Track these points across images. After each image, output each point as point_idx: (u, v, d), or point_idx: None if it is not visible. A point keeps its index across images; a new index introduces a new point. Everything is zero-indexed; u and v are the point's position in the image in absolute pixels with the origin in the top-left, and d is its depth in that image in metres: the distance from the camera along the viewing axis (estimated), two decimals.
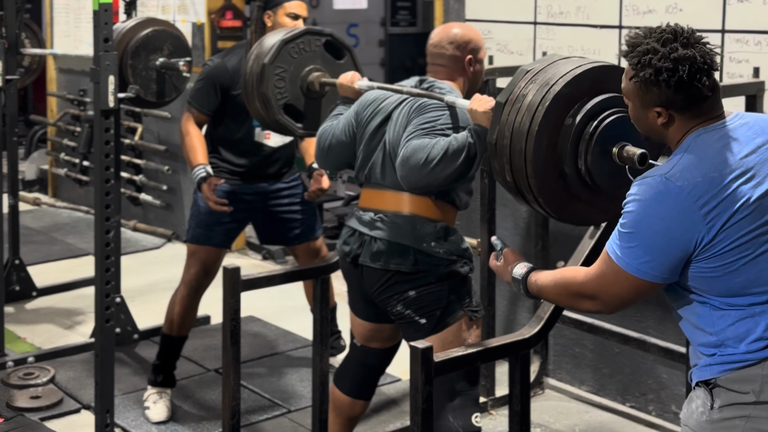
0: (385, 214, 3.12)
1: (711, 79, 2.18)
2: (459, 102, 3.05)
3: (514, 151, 2.52)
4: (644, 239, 2.16)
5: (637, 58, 2.20)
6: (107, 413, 3.71)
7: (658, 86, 2.17)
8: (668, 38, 2.18)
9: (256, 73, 3.60)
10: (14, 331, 5.04)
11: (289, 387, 4.39)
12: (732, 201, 2.13)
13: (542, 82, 2.52)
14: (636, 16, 4.02)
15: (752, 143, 2.20)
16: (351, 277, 3.26)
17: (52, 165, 7.96)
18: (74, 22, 7.33)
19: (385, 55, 10.42)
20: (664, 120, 2.21)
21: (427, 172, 2.93)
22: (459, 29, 3.24)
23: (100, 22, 3.58)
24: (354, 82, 3.43)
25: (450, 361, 2.69)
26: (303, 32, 3.67)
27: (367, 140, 3.21)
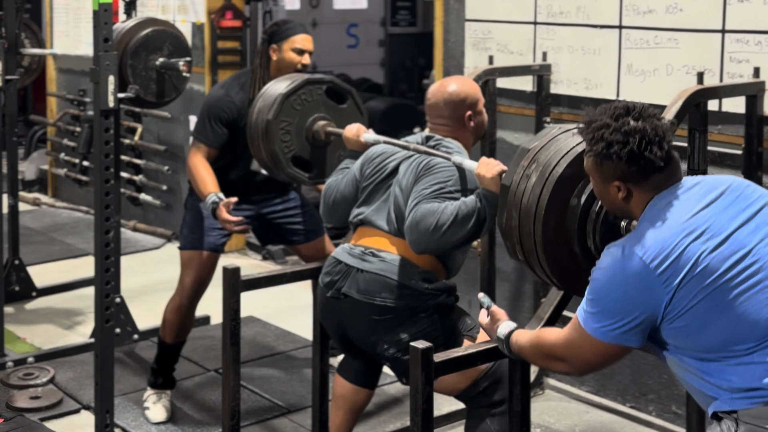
0: (376, 250, 3.12)
1: (663, 151, 2.25)
2: (466, 163, 3.06)
3: (523, 233, 2.57)
4: (606, 305, 2.24)
5: (591, 133, 2.28)
6: (107, 413, 3.71)
7: (611, 159, 2.25)
8: (620, 113, 2.26)
9: (262, 129, 3.62)
10: (14, 331, 5.04)
11: (289, 387, 4.39)
12: (686, 259, 2.18)
13: (544, 163, 2.55)
14: (636, 16, 4.02)
15: (704, 200, 2.25)
16: (328, 311, 3.20)
17: (51, 165, 7.96)
18: (74, 22, 7.33)
19: (385, 55, 10.41)
20: (624, 194, 2.29)
21: (437, 237, 2.94)
22: (454, 86, 3.25)
23: (99, 22, 3.58)
24: (360, 135, 3.42)
25: (450, 362, 2.69)
26: (303, 83, 3.68)
27: (370, 192, 3.22)
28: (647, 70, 4.00)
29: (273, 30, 4.02)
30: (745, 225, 2.23)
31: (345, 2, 10.33)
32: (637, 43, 4.02)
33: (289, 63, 3.96)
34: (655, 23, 3.96)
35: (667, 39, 3.93)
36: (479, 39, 4.63)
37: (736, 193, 2.28)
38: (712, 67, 3.75)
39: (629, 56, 4.05)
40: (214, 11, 6.30)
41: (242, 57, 6.53)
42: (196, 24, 6.40)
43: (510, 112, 4.54)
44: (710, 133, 3.53)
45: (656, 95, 3.95)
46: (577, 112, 4.30)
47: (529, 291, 4.51)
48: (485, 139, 4.21)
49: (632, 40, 4.04)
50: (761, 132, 3.62)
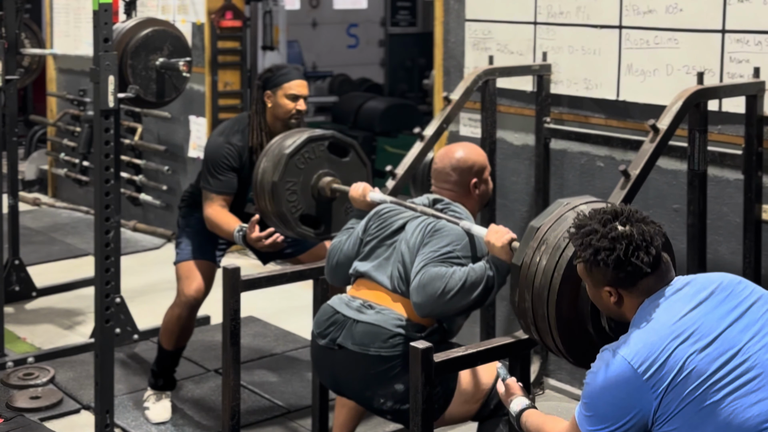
0: (375, 304, 3.09)
1: (651, 256, 2.26)
2: (475, 229, 3.05)
3: (537, 315, 2.58)
4: (598, 409, 2.26)
5: (580, 239, 2.31)
6: (107, 413, 3.71)
7: (598, 266, 2.27)
8: (608, 219, 2.29)
9: (269, 190, 3.63)
10: (14, 331, 5.04)
11: (289, 387, 4.39)
12: (673, 363, 2.19)
13: (554, 246, 2.57)
14: (636, 16, 4.02)
15: (694, 300, 2.27)
16: (322, 362, 3.17)
17: (51, 165, 7.96)
18: (74, 22, 7.33)
19: (385, 55, 10.41)
20: (615, 299, 2.32)
21: (443, 302, 2.92)
22: (462, 153, 3.26)
23: (99, 22, 3.57)
24: (366, 194, 3.42)
25: (450, 362, 2.70)
26: (306, 141, 3.68)
27: (372, 246, 3.20)
28: (647, 70, 4.00)
29: (267, 76, 3.99)
30: (735, 323, 2.24)
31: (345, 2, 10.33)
32: (637, 43, 4.02)
33: (284, 110, 3.93)
34: (655, 23, 3.96)
35: (667, 39, 3.93)
36: (479, 39, 4.63)
37: (727, 292, 2.29)
38: (712, 67, 3.75)
39: (629, 56, 4.05)
40: (214, 11, 6.30)
41: (242, 57, 6.53)
42: (196, 24, 6.40)
43: (510, 112, 4.53)
44: (710, 133, 3.53)
45: (656, 95, 3.95)
46: (577, 112, 4.30)
47: None
48: (485, 140, 4.21)
49: (632, 40, 4.04)
50: (761, 132, 3.62)
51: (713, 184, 3.77)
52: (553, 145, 4.37)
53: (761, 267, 3.69)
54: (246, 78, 6.57)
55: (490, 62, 4.41)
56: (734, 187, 3.78)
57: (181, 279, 4.09)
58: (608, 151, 4.21)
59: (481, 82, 4.12)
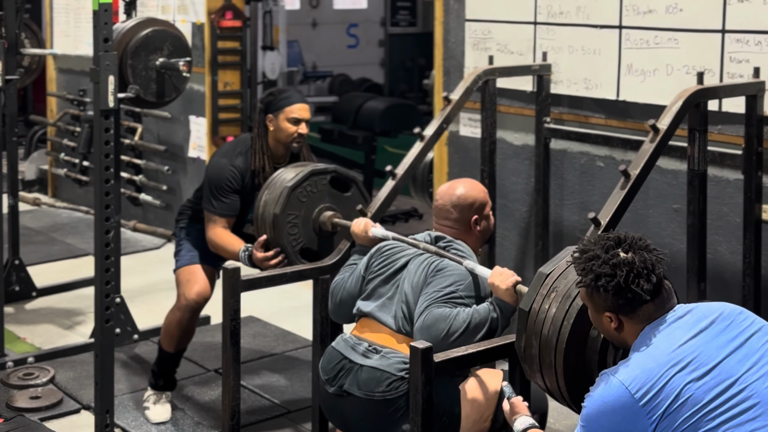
0: (379, 346, 3.08)
1: (651, 284, 2.28)
2: (479, 270, 3.04)
3: (543, 362, 2.57)
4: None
5: (582, 264, 2.33)
6: (107, 413, 3.71)
7: (598, 291, 2.29)
8: (611, 245, 2.31)
9: (270, 223, 3.65)
10: (14, 331, 5.04)
11: (289, 387, 4.39)
12: (669, 391, 2.20)
13: (563, 294, 2.56)
14: (636, 16, 4.02)
15: (695, 328, 2.27)
16: (332, 408, 3.17)
17: (51, 165, 7.96)
18: (74, 22, 7.33)
19: (385, 55, 10.42)
20: (616, 325, 2.33)
21: (448, 344, 2.90)
22: (462, 190, 3.25)
23: (99, 22, 3.58)
24: (368, 230, 3.41)
25: (450, 361, 2.70)
26: (308, 174, 3.69)
27: (375, 285, 3.19)
28: (647, 70, 4.00)
29: (269, 100, 3.98)
30: (734, 353, 2.24)
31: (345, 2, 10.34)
32: (637, 43, 4.02)
33: (286, 133, 3.92)
34: (655, 23, 3.96)
35: (667, 39, 3.93)
36: (479, 39, 4.63)
37: (727, 321, 2.30)
38: (712, 67, 3.75)
39: (629, 56, 4.06)
40: (214, 11, 6.30)
41: (242, 57, 6.53)
42: (196, 24, 6.40)
43: (510, 112, 4.54)
44: (710, 133, 3.53)
45: (656, 95, 3.95)
46: (577, 112, 4.30)
47: None
48: (485, 140, 4.21)
49: (632, 40, 4.04)
50: (761, 132, 3.63)
51: (713, 184, 3.77)
52: (553, 145, 4.37)
53: (761, 267, 3.69)
54: (246, 78, 6.58)
55: (490, 62, 4.41)
56: (734, 187, 3.78)
57: (182, 283, 4.09)
58: (608, 151, 4.21)
59: (481, 82, 4.12)
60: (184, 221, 4.16)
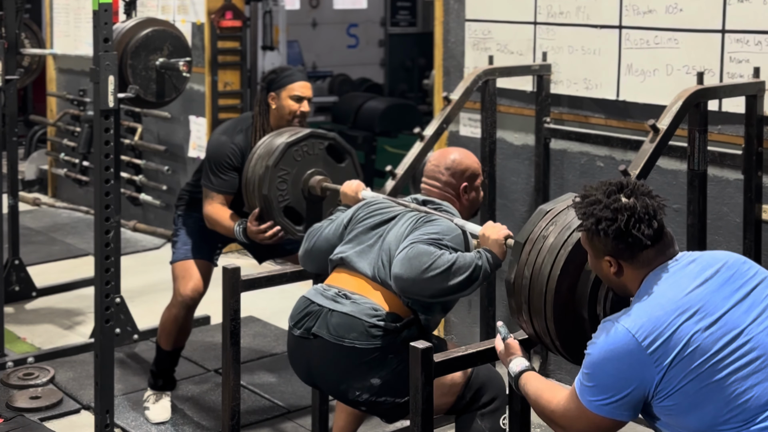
0: (351, 293, 3.04)
1: (652, 229, 2.29)
2: (469, 227, 3.04)
3: (533, 292, 2.57)
4: (599, 380, 2.27)
5: (583, 208, 2.34)
6: (107, 413, 3.71)
7: (598, 235, 2.30)
8: (613, 190, 2.31)
9: (259, 174, 3.64)
10: (14, 331, 5.04)
11: (289, 387, 4.39)
12: (677, 339, 2.20)
13: (563, 225, 2.57)
14: (636, 16, 4.02)
15: (699, 278, 2.28)
16: (297, 352, 3.12)
17: (51, 165, 7.96)
18: (74, 22, 7.33)
19: (385, 55, 10.41)
20: (615, 270, 2.34)
21: (425, 278, 2.86)
22: (457, 155, 3.25)
23: (99, 22, 3.58)
24: (358, 192, 3.41)
25: (450, 361, 2.69)
26: (307, 135, 3.71)
27: (358, 233, 3.15)
28: (647, 70, 4.00)
29: (271, 78, 3.99)
30: (739, 304, 2.25)
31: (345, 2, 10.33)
32: (637, 43, 4.02)
33: (288, 111, 3.92)
34: (655, 23, 3.96)
35: (667, 39, 3.93)
36: (479, 39, 4.63)
37: (732, 271, 2.30)
38: (712, 67, 3.76)
39: (629, 56, 4.06)
40: (214, 11, 6.30)
41: (242, 57, 6.53)
42: (196, 24, 6.40)
43: (510, 112, 4.54)
44: (710, 133, 3.53)
45: (656, 95, 3.95)
46: (577, 112, 4.30)
47: None
48: (485, 140, 4.21)
49: (632, 40, 4.04)
50: (761, 132, 3.63)
51: (713, 184, 3.77)
52: (553, 145, 4.37)
53: None
54: (246, 78, 6.57)
55: (490, 62, 4.41)
56: (734, 187, 3.78)
57: (177, 279, 4.09)
58: (608, 151, 4.21)
59: (481, 82, 4.12)
60: (182, 208, 4.16)
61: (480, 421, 3.06)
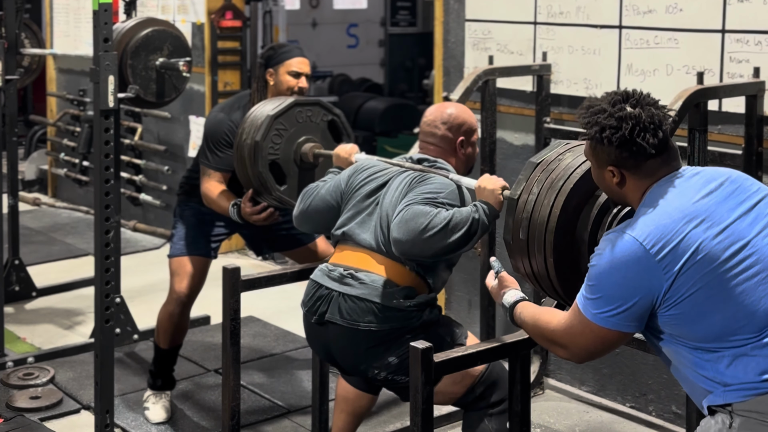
0: (356, 271, 3.04)
1: (657, 139, 2.26)
2: (465, 181, 3.04)
3: (538, 206, 2.56)
4: (605, 291, 2.24)
5: (587, 117, 2.32)
6: (107, 413, 3.71)
7: (602, 143, 2.28)
8: (618, 99, 2.30)
9: (257, 123, 3.62)
10: (14, 331, 5.04)
11: (289, 387, 4.39)
12: (686, 246, 2.18)
13: (581, 152, 2.57)
14: (636, 16, 4.02)
15: (704, 189, 2.26)
16: (315, 337, 3.15)
17: (51, 165, 7.96)
18: (74, 22, 7.33)
19: (385, 55, 10.42)
20: (617, 179, 2.31)
21: (423, 239, 2.86)
22: (453, 110, 3.24)
23: (99, 22, 3.58)
24: (351, 154, 3.41)
25: (450, 362, 2.69)
26: (315, 102, 3.74)
27: (356, 202, 3.15)
28: (647, 70, 4.00)
29: (269, 54, 3.99)
30: (743, 216, 2.24)
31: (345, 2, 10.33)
32: (637, 43, 4.02)
33: (286, 86, 3.92)
34: (655, 23, 3.96)
35: (667, 39, 3.93)
36: (479, 39, 4.63)
37: (735, 185, 2.29)
38: (712, 67, 3.76)
39: (629, 56, 4.06)
40: (214, 11, 6.30)
41: (242, 57, 6.53)
42: (196, 24, 6.40)
43: (510, 112, 4.54)
44: (710, 133, 3.53)
45: (656, 95, 3.92)
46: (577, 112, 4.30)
47: (529, 291, 4.51)
48: (485, 140, 4.21)
49: (632, 40, 4.04)
50: (761, 132, 3.63)
51: None
52: None
53: None
54: (246, 78, 6.57)
55: (490, 62, 4.41)
56: None
57: (173, 275, 4.10)
58: None
59: (481, 82, 4.12)
60: (182, 197, 4.15)
61: (488, 421, 3.06)
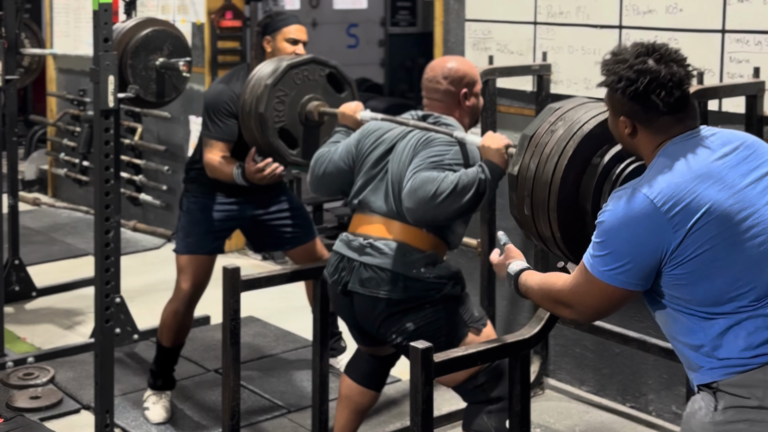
0: (375, 240, 3.11)
1: (673, 98, 2.24)
2: (468, 138, 3.05)
3: (538, 184, 2.56)
4: (614, 247, 2.22)
5: (609, 66, 2.31)
6: (107, 413, 3.71)
7: (615, 93, 2.28)
8: (642, 52, 2.27)
9: (257, 93, 3.62)
10: (14, 331, 5.04)
11: (289, 387, 4.39)
12: (697, 205, 2.17)
13: (573, 120, 2.57)
14: (636, 16, 4.02)
15: (719, 151, 2.25)
16: (340, 305, 3.24)
17: (51, 165, 7.96)
18: (74, 22, 7.33)
19: (385, 55, 10.41)
20: (629, 130, 2.30)
21: (434, 205, 2.92)
22: (454, 63, 3.25)
23: (99, 22, 3.58)
24: (357, 112, 3.43)
25: (450, 362, 2.69)
26: (309, 60, 3.73)
27: (367, 169, 3.20)
28: None
29: (266, 22, 4.03)
30: (755, 184, 2.22)
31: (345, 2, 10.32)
32: None
33: (283, 54, 3.95)
34: (655, 23, 3.96)
35: (667, 39, 3.91)
36: (479, 39, 4.63)
37: (750, 151, 2.27)
38: (712, 67, 3.75)
39: None
40: (214, 11, 6.30)
41: (242, 57, 6.53)
42: (196, 24, 6.40)
43: (510, 112, 4.53)
44: None
45: None
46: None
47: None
48: None
49: (632, 40, 4.04)
50: (761, 132, 3.62)
51: None
52: None
53: None
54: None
55: (490, 62, 4.41)
56: None
57: (179, 272, 4.11)
58: None
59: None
60: (187, 185, 4.14)
61: (486, 418, 3.07)
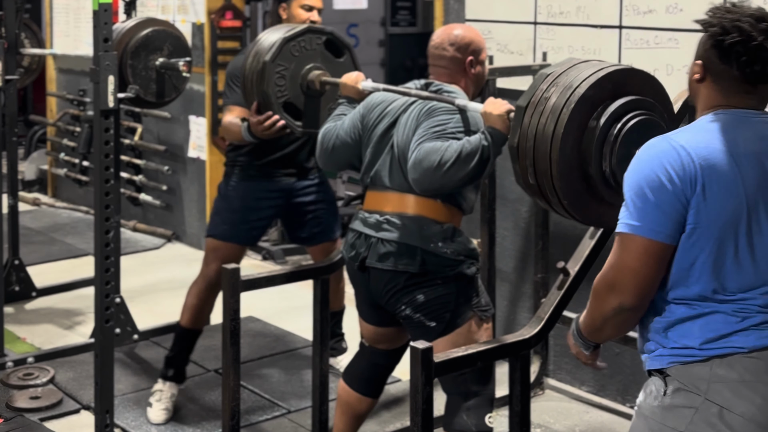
0: (391, 216, 3.13)
1: (751, 67, 2.14)
2: (470, 105, 3.05)
3: (538, 154, 2.56)
4: (644, 195, 2.14)
5: (719, 12, 2.19)
6: (107, 414, 3.71)
7: (704, 32, 2.19)
8: (755, 15, 2.16)
9: (257, 70, 3.62)
10: (14, 331, 5.04)
11: (289, 387, 4.39)
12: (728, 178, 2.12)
13: (565, 85, 2.56)
14: (636, 16, 4.02)
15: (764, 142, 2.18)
16: (358, 281, 3.26)
17: (51, 165, 7.96)
18: (74, 22, 7.33)
19: (385, 55, 10.41)
20: (699, 76, 2.23)
21: (440, 175, 2.94)
22: (460, 30, 3.25)
23: (99, 22, 3.58)
24: (358, 82, 3.44)
25: (450, 362, 2.69)
26: (304, 30, 3.70)
27: (374, 143, 3.21)
28: (647, 70, 3.99)
29: None
30: None
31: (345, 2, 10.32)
32: (637, 43, 4.02)
33: (298, 20, 4.01)
34: (655, 23, 3.96)
35: (667, 39, 3.93)
36: None
37: None
38: None
39: (629, 56, 4.05)
40: (214, 11, 6.30)
41: None
42: (196, 24, 6.40)
43: None
44: None
45: None
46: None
47: (529, 291, 4.51)
48: None
49: (632, 40, 4.04)
50: None
51: None
52: None
53: None
54: None
55: (490, 62, 4.41)
56: None
57: (206, 255, 4.17)
58: None
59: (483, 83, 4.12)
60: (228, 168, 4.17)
61: (466, 416, 3.09)
